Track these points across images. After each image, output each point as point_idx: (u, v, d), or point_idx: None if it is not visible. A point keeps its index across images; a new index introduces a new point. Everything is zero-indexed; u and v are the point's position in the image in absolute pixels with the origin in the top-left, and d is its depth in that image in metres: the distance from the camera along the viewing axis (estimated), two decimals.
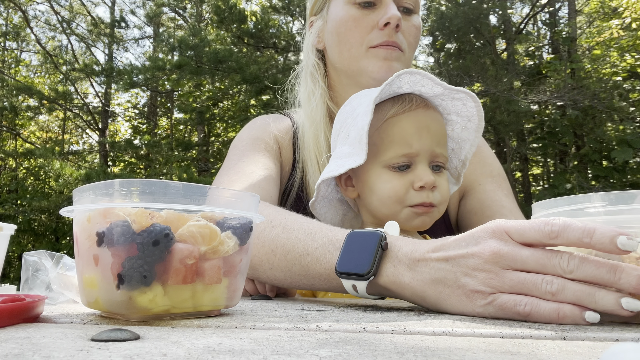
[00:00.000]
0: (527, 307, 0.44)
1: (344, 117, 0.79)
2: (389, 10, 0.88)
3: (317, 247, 0.61)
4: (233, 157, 0.93)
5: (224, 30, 7.16)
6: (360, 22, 0.90)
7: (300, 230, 0.64)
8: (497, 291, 0.46)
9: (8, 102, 8.28)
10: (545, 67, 6.44)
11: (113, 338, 0.32)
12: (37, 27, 10.17)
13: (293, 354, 0.29)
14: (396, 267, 0.53)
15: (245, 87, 6.87)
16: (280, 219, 0.68)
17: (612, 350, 0.21)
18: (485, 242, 0.47)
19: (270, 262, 0.66)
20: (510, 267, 0.46)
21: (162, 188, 0.43)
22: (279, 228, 0.66)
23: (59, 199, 7.28)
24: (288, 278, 0.65)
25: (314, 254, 0.61)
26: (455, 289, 0.48)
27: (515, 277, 0.45)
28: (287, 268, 0.64)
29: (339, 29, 0.92)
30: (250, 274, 0.70)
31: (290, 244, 0.64)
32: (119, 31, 9.46)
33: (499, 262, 0.46)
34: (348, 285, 0.56)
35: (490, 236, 0.47)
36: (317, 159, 0.93)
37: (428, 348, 0.32)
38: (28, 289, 0.59)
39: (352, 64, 0.91)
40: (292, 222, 0.67)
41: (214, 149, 9.02)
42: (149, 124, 9.95)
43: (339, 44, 0.92)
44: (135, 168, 9.06)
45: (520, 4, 7.23)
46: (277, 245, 0.65)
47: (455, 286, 0.48)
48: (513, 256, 0.45)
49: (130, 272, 0.40)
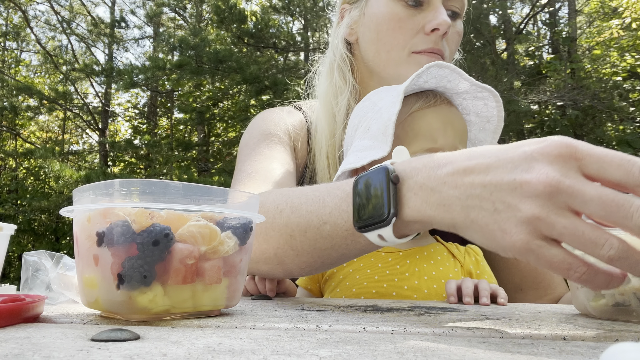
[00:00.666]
0: (585, 276, 0.37)
1: (363, 112, 0.76)
2: (439, 15, 0.80)
3: (330, 211, 0.56)
4: (247, 157, 0.86)
5: (224, 30, 7.16)
6: (405, 23, 0.82)
7: (308, 202, 0.59)
8: (541, 237, 0.38)
9: (8, 102, 8.28)
10: (545, 67, 6.44)
11: (113, 338, 0.32)
12: (37, 27, 10.18)
13: (293, 354, 0.29)
14: (417, 195, 0.46)
15: (245, 87, 6.88)
16: (286, 200, 0.62)
17: (612, 350, 0.21)
18: (542, 169, 0.38)
19: (293, 248, 0.60)
20: (566, 205, 0.37)
21: (162, 188, 0.43)
22: (287, 210, 0.61)
23: (59, 199, 7.29)
24: (317, 258, 0.60)
25: (331, 220, 0.55)
26: (492, 223, 0.40)
27: (570, 225, 0.37)
28: (311, 247, 0.59)
29: (380, 26, 0.84)
30: (281, 270, 0.64)
31: (304, 221, 0.58)
32: (119, 31, 9.47)
33: (554, 198, 0.37)
34: (374, 237, 0.50)
35: (551, 161, 0.38)
36: (327, 157, 0.88)
37: (428, 348, 0.32)
38: (28, 289, 0.59)
39: (389, 67, 0.85)
40: (297, 198, 0.61)
41: (214, 149, 9.02)
42: (149, 124, 9.95)
43: (377, 42, 0.85)
44: (135, 168, 9.06)
45: (520, 4, 7.23)
46: (292, 227, 0.60)
47: (492, 220, 0.40)
48: (574, 193, 0.37)
49: (130, 272, 0.40)
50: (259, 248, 0.64)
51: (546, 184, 0.37)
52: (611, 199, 0.36)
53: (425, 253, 0.81)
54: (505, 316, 0.50)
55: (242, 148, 0.90)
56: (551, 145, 0.39)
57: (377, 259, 0.79)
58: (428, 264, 0.79)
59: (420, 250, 0.81)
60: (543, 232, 0.38)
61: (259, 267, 0.66)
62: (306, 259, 0.60)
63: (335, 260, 0.59)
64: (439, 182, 0.45)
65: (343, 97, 0.88)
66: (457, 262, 0.82)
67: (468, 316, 0.49)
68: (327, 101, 0.90)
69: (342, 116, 0.87)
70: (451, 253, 0.83)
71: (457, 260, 0.82)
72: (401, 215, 0.47)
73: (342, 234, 0.55)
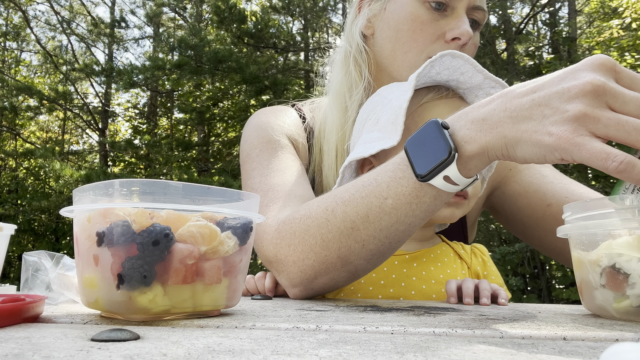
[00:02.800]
0: (622, 165, 0.40)
1: (372, 105, 0.75)
2: (462, 25, 0.79)
3: (387, 185, 0.56)
4: (253, 171, 0.82)
5: (224, 30, 7.16)
6: (427, 27, 0.80)
7: (359, 190, 0.59)
8: (588, 132, 0.42)
9: (8, 102, 8.28)
10: (545, 67, 6.43)
11: (113, 338, 0.32)
12: (37, 27, 10.18)
13: (293, 354, 0.29)
14: (471, 130, 0.49)
15: (245, 87, 6.88)
16: (333, 199, 0.62)
17: (612, 350, 0.21)
18: (587, 75, 0.43)
19: (358, 240, 0.59)
20: (608, 105, 0.42)
21: (162, 188, 0.43)
22: (340, 206, 0.60)
23: (59, 199, 7.29)
24: (384, 240, 0.59)
25: (391, 192, 0.55)
26: (540, 129, 0.44)
27: (614, 117, 0.41)
28: (377, 229, 0.58)
29: (401, 25, 0.81)
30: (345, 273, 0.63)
31: (363, 207, 0.58)
32: (119, 31, 9.46)
33: (599, 97, 0.41)
34: (440, 182, 0.51)
35: (595, 69, 0.43)
36: (336, 150, 0.86)
37: (428, 348, 0.32)
38: (28, 289, 0.59)
39: (403, 69, 0.82)
40: (345, 192, 0.61)
41: (214, 149, 9.02)
42: (149, 124, 9.95)
43: (395, 41, 0.83)
44: (135, 168, 9.06)
45: (520, 4, 7.24)
46: (352, 218, 0.59)
47: (540, 126, 0.44)
48: (617, 94, 0.41)
49: (130, 272, 0.40)
50: (316, 259, 0.62)
51: (593, 84, 0.42)
52: None
53: (432, 255, 0.79)
54: (505, 316, 0.50)
55: (244, 160, 0.87)
56: (594, 58, 0.44)
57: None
58: (435, 267, 0.78)
59: (427, 252, 0.80)
60: (588, 127, 0.42)
61: (318, 280, 0.65)
62: (373, 246, 0.60)
63: (402, 235, 0.59)
64: (489, 111, 0.48)
65: (357, 91, 0.86)
66: (463, 263, 0.81)
67: (468, 316, 0.49)
68: (340, 93, 0.88)
69: (354, 110, 0.85)
70: (457, 254, 0.82)
71: (463, 261, 0.81)
72: (461, 151, 0.50)
73: (406, 200, 0.55)
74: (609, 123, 0.41)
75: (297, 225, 0.64)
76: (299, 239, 0.63)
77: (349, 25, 0.91)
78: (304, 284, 0.65)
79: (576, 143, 0.42)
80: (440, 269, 0.77)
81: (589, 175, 5.96)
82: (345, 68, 0.88)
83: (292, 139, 0.89)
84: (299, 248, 0.63)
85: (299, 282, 0.65)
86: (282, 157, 0.83)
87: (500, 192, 0.93)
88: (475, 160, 0.51)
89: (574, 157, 0.42)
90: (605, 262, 0.48)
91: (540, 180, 0.87)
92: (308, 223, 0.63)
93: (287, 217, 0.67)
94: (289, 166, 0.82)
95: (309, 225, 0.63)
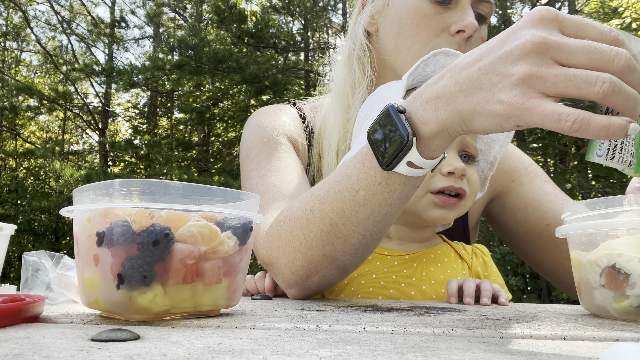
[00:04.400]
0: (576, 124, 0.38)
1: (370, 104, 0.75)
2: (466, 17, 0.77)
3: (357, 177, 0.56)
4: (252, 171, 0.83)
5: (224, 30, 7.16)
6: (430, 20, 0.78)
7: (332, 185, 0.59)
8: (538, 94, 0.40)
9: (8, 102, 8.28)
10: None
11: (113, 338, 0.32)
12: (37, 27, 10.18)
13: (293, 354, 0.29)
14: (426, 110, 0.48)
15: (245, 87, 6.88)
16: (310, 198, 0.62)
17: (612, 350, 0.21)
18: (527, 33, 0.40)
19: (339, 235, 0.59)
20: (554, 59, 0.39)
21: (162, 188, 0.43)
22: (317, 204, 0.60)
23: (59, 199, 7.29)
24: (365, 232, 0.59)
25: (361, 183, 0.56)
26: (490, 98, 0.42)
27: (561, 72, 0.39)
28: (355, 223, 0.58)
29: (404, 20, 0.80)
30: (334, 269, 0.63)
31: (338, 203, 0.58)
32: (119, 31, 9.46)
33: (543, 54, 0.39)
34: (404, 168, 0.51)
35: (535, 24, 0.41)
36: (337, 149, 0.85)
37: (428, 348, 0.32)
38: (28, 289, 0.59)
39: (406, 64, 0.81)
40: (320, 189, 0.61)
41: (214, 149, 9.02)
42: (149, 124, 9.95)
43: (398, 36, 0.81)
44: (135, 168, 9.06)
45: (520, 4, 7.23)
46: (330, 215, 0.59)
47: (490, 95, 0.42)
48: (560, 46, 0.39)
49: (130, 272, 0.40)
50: (304, 259, 0.63)
51: (533, 42, 0.39)
52: (594, 46, 0.39)
53: (432, 255, 0.79)
54: (505, 316, 0.50)
55: (243, 160, 0.87)
56: (533, 12, 0.41)
57: (383, 263, 0.77)
58: (435, 267, 0.77)
59: (427, 252, 0.79)
60: (537, 87, 0.40)
61: (311, 280, 0.65)
62: (355, 240, 0.60)
63: (380, 226, 0.59)
64: (441, 88, 0.47)
65: (360, 89, 0.85)
66: (464, 264, 0.81)
67: (468, 316, 0.49)
68: (343, 92, 0.87)
69: (356, 109, 0.85)
70: (458, 254, 0.82)
71: (464, 261, 0.81)
72: (420, 134, 0.49)
73: (377, 190, 0.55)
74: (556, 80, 0.39)
75: (282, 227, 0.65)
76: (285, 241, 0.64)
77: (353, 23, 0.90)
78: (299, 284, 0.66)
79: (527, 108, 0.40)
80: (441, 270, 0.77)
81: (589, 175, 5.97)
82: (349, 67, 0.88)
83: (292, 138, 0.88)
84: (287, 250, 0.64)
85: (294, 283, 0.66)
86: (280, 157, 0.83)
87: (499, 203, 0.93)
88: (437, 140, 0.49)
89: (528, 123, 0.41)
90: (605, 262, 0.48)
91: (542, 197, 0.86)
92: (291, 225, 0.63)
93: (274, 220, 0.67)
94: (287, 166, 0.81)
95: (292, 227, 0.63)
